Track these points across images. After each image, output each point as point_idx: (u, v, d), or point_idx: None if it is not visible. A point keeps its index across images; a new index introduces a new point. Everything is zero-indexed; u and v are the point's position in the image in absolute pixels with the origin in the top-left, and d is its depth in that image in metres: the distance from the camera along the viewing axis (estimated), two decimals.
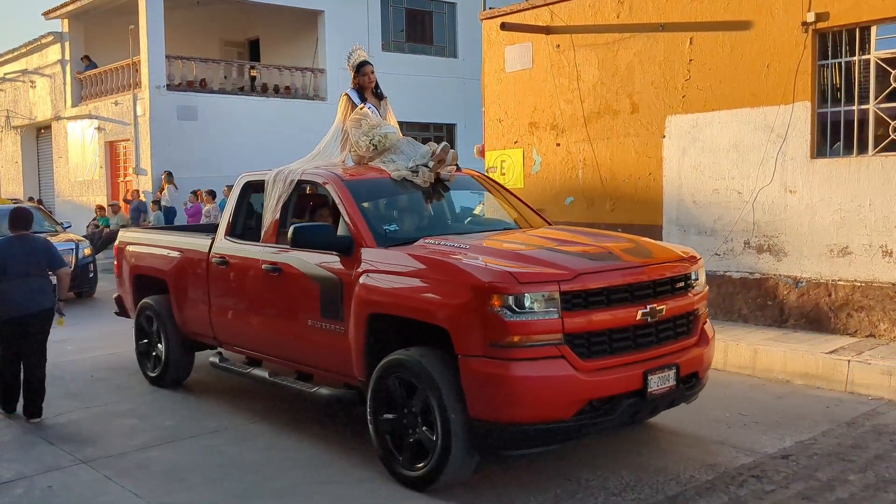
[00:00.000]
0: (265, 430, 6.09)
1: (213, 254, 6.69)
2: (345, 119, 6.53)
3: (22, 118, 26.71)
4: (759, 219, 8.66)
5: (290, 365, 6.06)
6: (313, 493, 4.87)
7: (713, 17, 8.92)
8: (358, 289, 5.15)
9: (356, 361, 5.23)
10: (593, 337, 4.58)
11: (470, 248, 5.08)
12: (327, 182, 5.87)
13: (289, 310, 5.87)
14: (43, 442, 5.96)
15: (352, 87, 6.77)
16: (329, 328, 5.44)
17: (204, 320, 6.84)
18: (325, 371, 5.71)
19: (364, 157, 6.31)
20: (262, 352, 6.35)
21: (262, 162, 20.43)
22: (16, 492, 5.00)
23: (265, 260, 6.05)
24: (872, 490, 4.71)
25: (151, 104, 20.22)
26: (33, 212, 14.40)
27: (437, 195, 6.16)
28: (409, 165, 6.00)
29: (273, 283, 5.95)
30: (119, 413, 6.66)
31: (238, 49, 26.09)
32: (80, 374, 8.12)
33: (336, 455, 5.50)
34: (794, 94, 8.30)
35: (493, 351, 4.40)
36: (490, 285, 4.43)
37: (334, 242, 5.43)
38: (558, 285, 4.48)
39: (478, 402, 4.46)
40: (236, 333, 6.57)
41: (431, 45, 25.10)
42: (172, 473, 5.25)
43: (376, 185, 6.01)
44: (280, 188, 6.21)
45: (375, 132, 6.22)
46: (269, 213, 6.23)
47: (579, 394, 4.47)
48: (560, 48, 10.45)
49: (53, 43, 24.14)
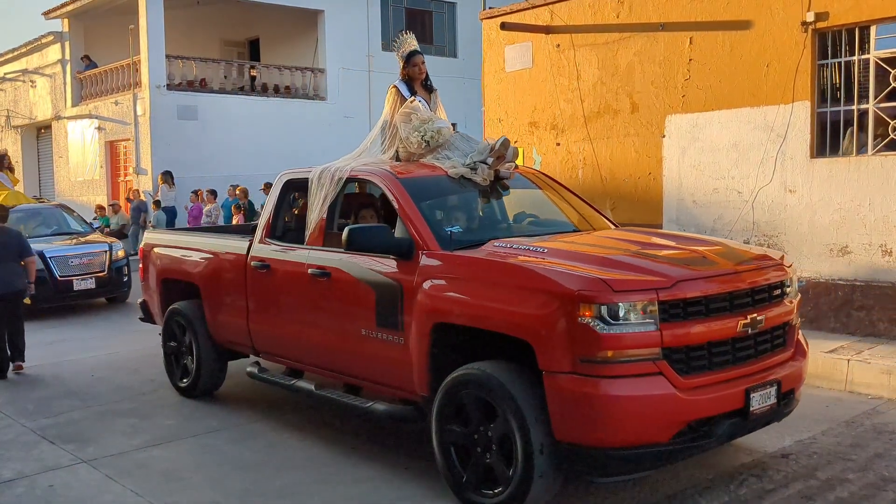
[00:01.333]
0: (266, 430, 6.09)
1: (251, 257, 6.22)
2: (393, 113, 6.08)
3: (22, 118, 26.72)
4: (759, 218, 8.66)
5: (337, 377, 5.64)
6: (314, 493, 4.87)
7: (713, 16, 8.93)
8: (421, 296, 4.71)
9: (418, 375, 4.78)
10: (692, 351, 4.17)
11: (548, 251, 4.64)
12: (381, 180, 5.43)
13: (339, 318, 5.41)
14: (44, 441, 5.97)
15: (400, 79, 6.28)
16: (386, 339, 4.99)
17: (241, 328, 6.39)
18: (378, 385, 5.26)
19: (414, 153, 5.86)
20: (306, 362, 5.90)
21: (262, 161, 20.59)
22: (17, 491, 5.01)
23: (312, 264, 5.59)
24: (872, 489, 4.72)
25: (151, 104, 20.23)
26: (55, 211, 13.93)
27: (496, 194, 5.71)
28: (466, 162, 5.58)
29: (321, 288, 5.51)
30: (120, 412, 6.67)
31: (238, 49, 26.10)
32: (81, 373, 8.13)
33: (337, 455, 5.50)
34: (793, 93, 8.31)
35: (584, 367, 3.98)
36: (580, 294, 4.01)
37: (393, 245, 4.96)
38: (656, 293, 4.06)
39: (565, 424, 4.05)
40: (277, 342, 6.12)
41: (431, 45, 25.09)
42: (173, 473, 5.26)
43: (434, 183, 5.53)
44: (326, 187, 5.77)
45: (427, 127, 5.77)
46: (314, 214, 5.80)
47: (679, 414, 4.07)
48: (560, 48, 10.45)
49: (53, 43, 24.14)
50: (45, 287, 11.39)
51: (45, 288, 11.39)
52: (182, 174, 19.43)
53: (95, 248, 12.44)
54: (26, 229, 12.13)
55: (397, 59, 6.33)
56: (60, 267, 11.78)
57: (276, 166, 19.90)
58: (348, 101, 22.87)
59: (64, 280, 11.76)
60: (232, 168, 20.25)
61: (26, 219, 12.95)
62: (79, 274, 11.90)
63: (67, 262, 11.89)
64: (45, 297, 11.46)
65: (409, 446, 5.57)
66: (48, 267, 11.60)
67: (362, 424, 6.06)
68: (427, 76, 6.35)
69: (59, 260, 11.81)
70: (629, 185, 9.78)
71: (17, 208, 12.85)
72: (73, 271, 11.88)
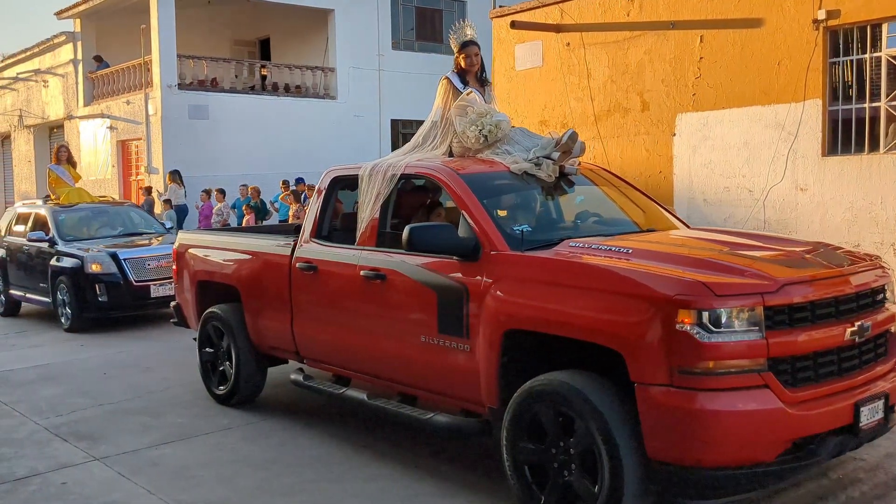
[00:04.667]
0: (277, 428, 6.11)
1: (297, 258, 5.85)
2: (445, 106, 5.72)
3: (35, 117, 26.87)
4: (770, 217, 8.63)
5: (390, 385, 5.29)
6: (324, 491, 4.88)
7: (724, 14, 8.90)
8: (489, 300, 4.38)
9: (486, 385, 4.44)
10: (798, 362, 3.82)
11: (633, 252, 4.27)
12: (440, 176, 5.09)
13: (395, 323, 5.07)
14: (57, 439, 6.01)
15: (453, 71, 5.92)
16: (448, 346, 4.63)
17: (284, 333, 6.03)
18: (437, 394, 4.93)
19: (471, 148, 5.47)
20: (356, 369, 5.57)
21: (273, 161, 20.65)
22: (30, 488, 5.05)
23: (364, 265, 5.22)
24: (883, 488, 4.70)
25: (163, 103, 20.31)
26: (125, 210, 12.71)
27: (560, 191, 5.33)
28: (528, 157, 5.21)
29: (375, 292, 5.16)
30: (131, 410, 6.71)
31: (249, 48, 26.18)
32: (93, 371, 8.18)
33: (347, 453, 5.51)
34: (805, 91, 8.28)
35: (683, 379, 3.62)
36: (678, 299, 3.66)
37: (458, 245, 4.62)
38: (762, 298, 3.71)
39: (660, 441, 3.70)
40: (325, 348, 5.79)
41: (441, 44, 25.07)
42: (184, 470, 5.28)
43: (497, 180, 5.18)
44: (378, 184, 5.41)
45: (485, 121, 5.39)
46: (365, 213, 5.45)
47: (786, 431, 3.72)
48: (570, 46, 10.44)
49: (66, 42, 24.26)
50: (119, 293, 10.46)
51: (119, 294, 10.46)
52: (193, 173, 19.50)
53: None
54: (90, 230, 11.64)
55: (452, 47, 5.96)
56: (136, 271, 10.58)
57: (286, 166, 20.11)
58: (358, 101, 22.91)
59: (140, 285, 10.53)
60: (243, 167, 20.31)
61: (91, 218, 11.97)
62: (156, 279, 10.59)
63: (144, 265, 10.67)
64: (120, 304, 10.57)
65: (420, 445, 5.58)
66: (122, 271, 10.50)
67: (372, 423, 6.07)
68: (482, 67, 5.99)
69: (134, 263, 10.63)
70: (639, 183, 9.68)
71: (81, 207, 12.06)
72: (150, 275, 10.63)
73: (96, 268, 10.44)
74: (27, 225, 11.95)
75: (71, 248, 10.88)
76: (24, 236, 11.79)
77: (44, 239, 11.22)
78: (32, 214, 12.03)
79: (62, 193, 12.23)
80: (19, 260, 11.93)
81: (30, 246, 11.61)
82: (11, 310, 12.34)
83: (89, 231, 11.60)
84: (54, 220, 11.46)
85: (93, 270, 10.43)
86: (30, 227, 11.82)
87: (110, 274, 10.44)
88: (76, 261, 10.58)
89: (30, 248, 11.62)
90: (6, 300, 12.34)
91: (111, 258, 10.53)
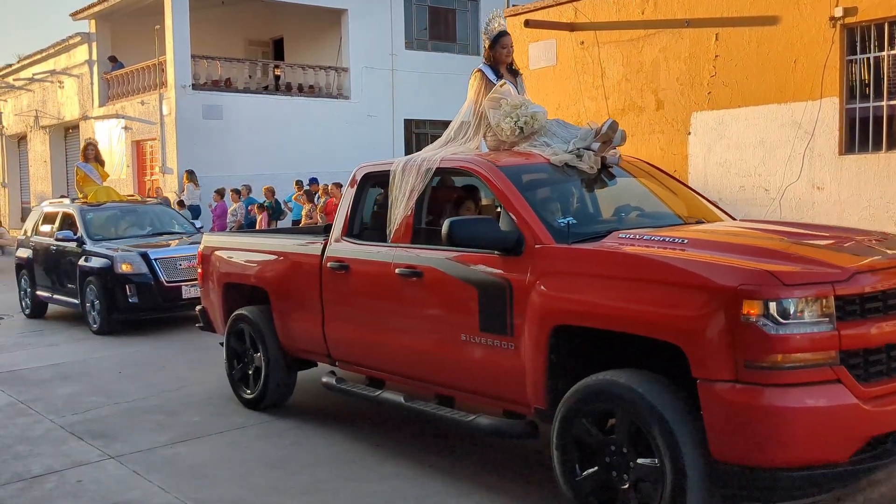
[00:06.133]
0: (291, 426, 6.12)
1: (328, 257, 5.68)
2: (478, 99, 5.53)
3: (50, 118, 27.04)
4: (787, 216, 8.58)
5: (427, 387, 5.10)
6: (338, 489, 4.88)
7: (739, 12, 8.85)
8: (535, 296, 4.19)
9: (533, 385, 4.24)
10: (871, 355, 3.60)
11: (689, 242, 4.09)
12: (478, 169, 4.90)
13: (433, 322, 4.90)
14: (72, 437, 6.03)
15: (484, 62, 5.75)
16: (491, 344, 4.45)
17: (316, 335, 5.85)
18: (478, 395, 4.74)
19: (505, 141, 5.31)
20: (391, 371, 5.37)
21: (286, 161, 20.69)
22: (46, 486, 5.07)
23: (400, 263, 5.05)
24: None
25: (177, 103, 20.40)
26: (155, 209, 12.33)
27: (601, 183, 5.13)
28: (568, 149, 5.03)
29: (411, 289, 4.99)
30: (147, 409, 6.73)
31: (262, 48, 26.26)
32: (108, 370, 8.22)
33: (362, 451, 5.51)
34: (821, 89, 8.22)
35: (750, 374, 3.43)
36: (743, 289, 3.45)
37: (500, 239, 4.44)
38: (832, 287, 3.50)
39: (726, 441, 3.51)
40: (357, 349, 5.60)
41: (454, 43, 25.09)
42: (199, 469, 5.29)
43: (536, 172, 5.00)
44: (412, 179, 5.24)
45: (520, 112, 5.22)
46: (399, 209, 5.26)
47: (861, 429, 3.52)
48: (584, 45, 10.41)
49: (81, 43, 24.41)
50: (149, 294, 10.15)
51: (149, 295, 10.16)
52: (207, 173, 19.59)
53: None
54: (118, 229, 11.37)
55: (484, 39, 5.81)
56: (168, 271, 10.27)
57: (299, 165, 20.15)
58: (371, 101, 22.93)
59: (171, 286, 10.23)
60: (256, 167, 20.37)
61: (120, 217, 11.68)
62: (188, 279, 10.22)
63: (176, 265, 10.35)
64: (151, 305, 10.27)
65: (433, 443, 5.57)
66: (153, 271, 10.19)
67: (385, 421, 6.07)
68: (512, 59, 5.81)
69: (165, 263, 10.31)
70: None
71: (109, 205, 11.77)
72: (181, 276, 10.29)
73: (126, 268, 10.15)
74: (54, 224, 11.65)
75: (100, 247, 10.60)
76: (51, 236, 11.50)
77: (72, 238, 10.93)
78: (59, 213, 11.74)
79: (90, 192, 11.95)
80: (46, 260, 11.64)
81: (57, 246, 11.31)
82: (37, 311, 12.07)
83: (118, 230, 11.33)
84: (82, 218, 11.16)
85: (123, 271, 10.13)
86: (57, 226, 11.53)
87: (141, 274, 10.14)
88: (106, 261, 10.30)
89: (57, 248, 11.33)
90: (32, 301, 12.07)
91: (142, 258, 10.22)
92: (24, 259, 12.20)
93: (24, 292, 12.32)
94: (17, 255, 12.69)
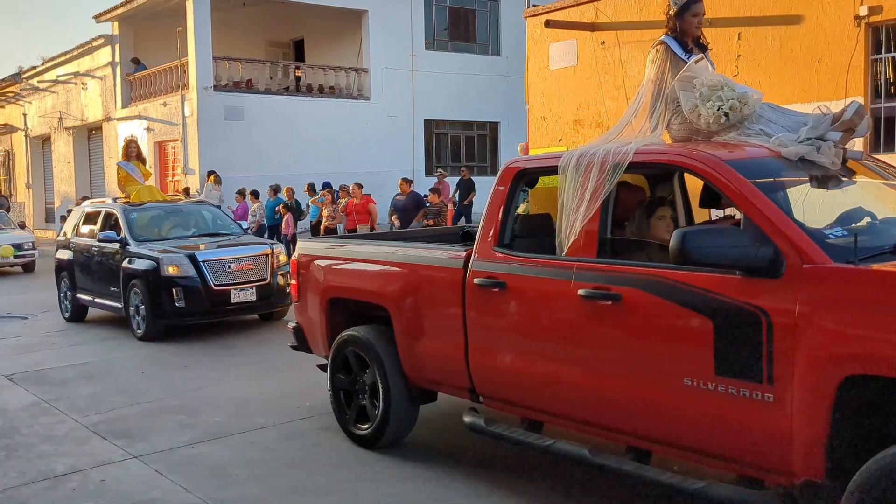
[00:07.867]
0: (311, 427, 6.13)
1: (473, 272, 4.74)
2: (662, 78, 4.64)
3: (74, 119, 27.33)
4: None
5: (613, 436, 4.21)
6: (358, 490, 4.88)
7: (762, 11, 8.78)
8: (812, 333, 3.26)
9: (804, 450, 3.32)
10: None
11: None
12: (699, 165, 3.93)
13: (635, 358, 3.95)
14: (95, 436, 6.08)
15: (667, 34, 4.78)
16: (735, 393, 3.51)
17: (455, 364, 4.90)
18: (701, 454, 3.79)
19: (702, 130, 4.41)
20: (564, 415, 4.41)
21: (307, 161, 20.77)
22: (70, 485, 5.11)
23: (586, 283, 4.12)
24: None
25: (199, 105, 20.56)
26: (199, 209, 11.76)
27: (836, 182, 4.10)
28: (798, 139, 4.05)
29: (602, 317, 4.08)
30: (168, 409, 6.77)
31: (283, 49, 26.40)
32: (131, 370, 8.28)
33: (382, 452, 5.50)
34: (846, 89, 8.13)
35: None
36: None
37: (752, 256, 3.46)
38: None
39: None
40: (517, 386, 4.61)
41: (475, 44, 25.09)
42: (220, 469, 5.32)
43: (773, 168, 3.98)
44: (594, 177, 4.29)
45: (726, 95, 4.26)
46: (576, 214, 4.33)
47: None
48: (605, 45, 10.36)
49: (104, 45, 24.66)
50: (196, 298, 9.60)
51: (196, 299, 9.60)
52: (228, 174, 19.73)
53: (255, 251, 10.15)
54: (163, 230, 10.88)
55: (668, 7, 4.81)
56: (216, 274, 9.71)
57: (320, 166, 20.23)
58: (392, 101, 22.99)
59: (220, 289, 9.68)
60: (277, 168, 20.47)
61: (164, 217, 11.16)
62: (238, 283, 9.76)
63: (224, 267, 9.80)
64: (199, 310, 9.71)
65: (453, 445, 5.56)
66: (201, 273, 9.62)
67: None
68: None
69: (213, 265, 9.73)
70: None
71: (153, 205, 11.31)
72: (230, 279, 9.78)
73: (173, 270, 9.61)
74: (96, 225, 11.09)
75: (144, 249, 10.03)
76: (93, 237, 10.99)
77: (115, 239, 10.39)
78: (102, 213, 11.16)
79: (132, 191, 11.48)
80: (87, 262, 11.07)
81: (99, 247, 10.76)
82: (77, 315, 11.46)
83: (162, 231, 10.83)
84: (126, 219, 10.59)
85: (169, 273, 9.58)
86: (99, 226, 10.98)
87: (188, 277, 9.58)
88: (151, 262, 9.73)
89: (99, 250, 10.77)
90: (72, 305, 11.42)
91: (189, 260, 9.66)
92: (64, 261, 11.60)
93: (63, 295, 11.73)
94: (56, 256, 12.05)
